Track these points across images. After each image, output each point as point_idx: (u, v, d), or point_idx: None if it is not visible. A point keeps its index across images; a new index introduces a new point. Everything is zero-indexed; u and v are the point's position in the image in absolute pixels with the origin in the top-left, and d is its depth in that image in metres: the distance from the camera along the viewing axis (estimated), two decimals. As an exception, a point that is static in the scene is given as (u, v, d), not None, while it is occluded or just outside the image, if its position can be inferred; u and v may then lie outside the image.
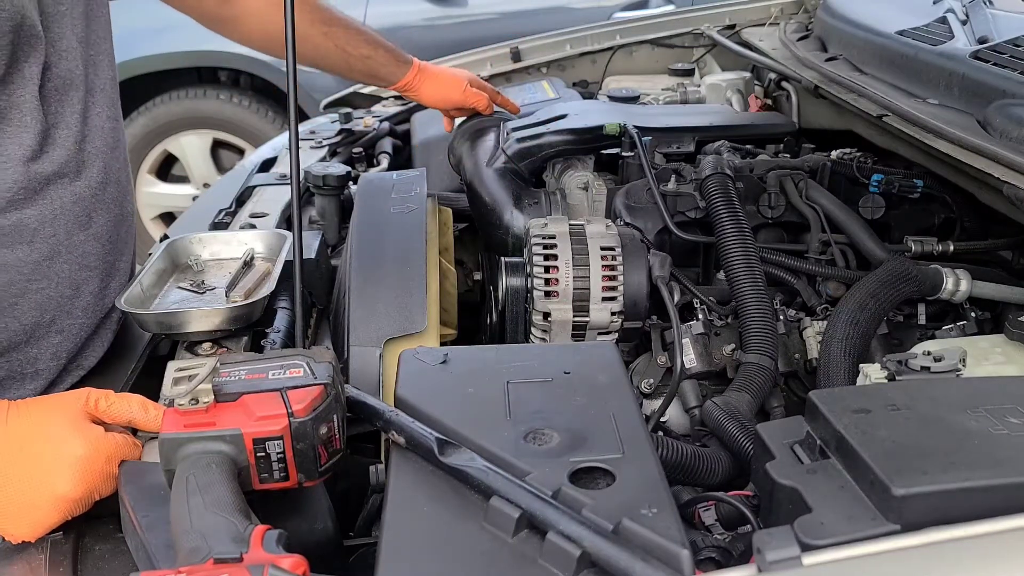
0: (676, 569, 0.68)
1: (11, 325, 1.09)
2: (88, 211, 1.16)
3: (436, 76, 1.87)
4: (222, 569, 0.69)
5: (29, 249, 1.09)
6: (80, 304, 1.17)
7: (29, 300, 1.10)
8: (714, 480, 1.14)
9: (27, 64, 1.06)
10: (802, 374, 1.46)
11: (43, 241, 1.10)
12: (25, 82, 1.06)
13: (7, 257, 1.07)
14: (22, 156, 1.07)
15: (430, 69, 1.88)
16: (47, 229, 1.10)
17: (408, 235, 1.39)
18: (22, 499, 0.89)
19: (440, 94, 1.88)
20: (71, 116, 1.14)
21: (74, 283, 1.15)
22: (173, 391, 1.01)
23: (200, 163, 4.18)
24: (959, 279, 1.42)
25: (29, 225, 1.09)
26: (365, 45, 1.75)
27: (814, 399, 0.87)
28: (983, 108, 1.36)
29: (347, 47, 1.72)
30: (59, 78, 1.12)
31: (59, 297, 1.13)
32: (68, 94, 1.14)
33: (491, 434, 0.85)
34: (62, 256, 1.13)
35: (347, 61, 1.75)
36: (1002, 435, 0.80)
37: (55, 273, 1.12)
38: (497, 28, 4.02)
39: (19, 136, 1.06)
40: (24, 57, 1.05)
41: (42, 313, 1.12)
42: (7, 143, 1.06)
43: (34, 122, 1.08)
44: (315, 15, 1.67)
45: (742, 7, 2.58)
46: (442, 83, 1.87)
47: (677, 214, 1.54)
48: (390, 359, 1.21)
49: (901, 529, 0.72)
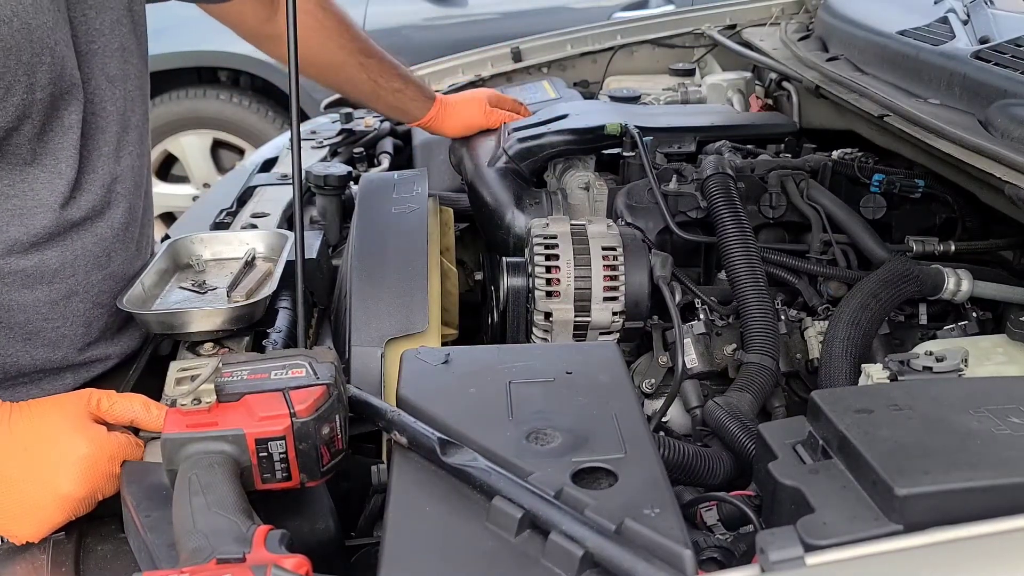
0: (679, 569, 0.68)
1: (22, 360, 1.10)
2: (108, 251, 1.16)
3: (456, 106, 1.85)
4: (225, 569, 0.69)
5: (48, 289, 1.09)
6: (89, 340, 1.17)
7: (43, 337, 1.11)
8: (715, 480, 1.14)
9: (66, 112, 1.05)
10: (803, 374, 1.46)
11: (62, 281, 1.11)
12: (65, 131, 1.06)
13: (26, 297, 1.08)
14: (54, 202, 1.07)
15: (450, 101, 1.86)
16: (67, 270, 1.11)
17: (409, 235, 1.39)
18: (26, 499, 0.89)
19: (463, 123, 1.85)
20: (103, 160, 1.13)
21: (87, 320, 1.15)
22: (175, 391, 1.01)
23: (200, 163, 4.18)
24: (960, 279, 1.42)
25: (50, 266, 1.09)
26: (398, 79, 1.74)
27: (816, 399, 0.87)
28: (984, 108, 1.36)
29: (379, 79, 1.72)
30: (93, 120, 1.11)
31: (72, 335, 1.14)
32: (102, 136, 1.13)
33: (493, 434, 0.85)
34: (79, 296, 1.13)
35: (377, 93, 1.74)
36: (1004, 435, 0.80)
37: (71, 312, 1.13)
38: (497, 28, 4.02)
39: (53, 183, 1.06)
40: (64, 106, 1.05)
41: (54, 350, 1.12)
42: (40, 189, 1.05)
43: (68, 169, 1.07)
44: (355, 44, 1.67)
45: (743, 7, 2.58)
46: (463, 111, 1.85)
47: (678, 214, 1.54)
48: (391, 359, 1.21)
49: (904, 529, 0.72)
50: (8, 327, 1.07)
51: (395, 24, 4.13)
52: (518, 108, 1.93)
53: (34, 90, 0.99)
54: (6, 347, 1.08)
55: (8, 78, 0.95)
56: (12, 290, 1.06)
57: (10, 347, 1.08)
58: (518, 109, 1.93)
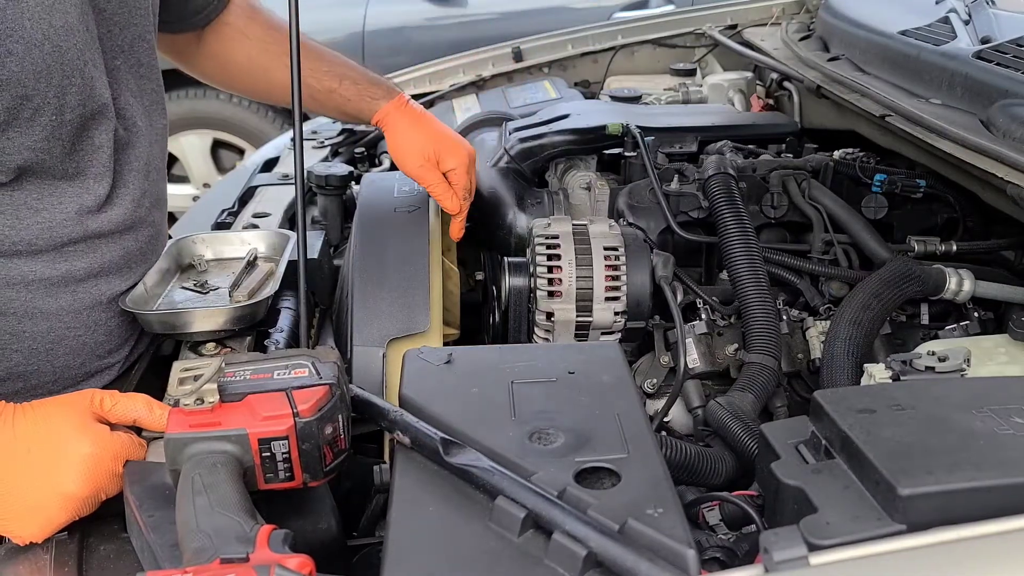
0: (682, 569, 0.68)
1: (43, 368, 1.10)
2: (131, 263, 1.17)
3: (405, 128, 1.45)
4: (228, 569, 0.69)
5: (72, 299, 1.10)
6: (110, 347, 1.17)
7: (64, 346, 1.11)
8: (718, 480, 1.14)
9: (96, 132, 1.06)
10: (805, 374, 1.46)
11: (86, 292, 1.11)
12: (95, 150, 1.07)
13: (50, 305, 1.08)
14: (82, 217, 1.07)
15: (407, 112, 1.47)
16: (91, 280, 1.12)
17: (411, 235, 1.40)
18: (30, 499, 0.89)
19: (398, 151, 1.46)
20: (134, 175, 1.14)
21: (108, 329, 1.16)
22: (178, 391, 1.02)
23: (200, 163, 4.18)
24: (962, 279, 1.42)
25: (76, 276, 1.10)
26: (328, 78, 1.43)
27: (819, 399, 0.87)
28: (986, 108, 1.36)
29: (309, 80, 1.39)
30: (126, 136, 1.12)
31: (93, 343, 1.14)
32: (133, 151, 1.14)
33: (496, 434, 0.85)
34: (102, 306, 1.14)
35: (312, 95, 1.42)
36: (1007, 435, 0.80)
37: (93, 321, 1.13)
38: (497, 28, 4.02)
39: (82, 197, 1.07)
40: (95, 126, 1.06)
41: (74, 357, 1.13)
42: (69, 203, 1.06)
43: (97, 185, 1.08)
44: (280, 47, 1.41)
45: (743, 7, 2.58)
46: (407, 138, 1.45)
47: (680, 214, 1.54)
48: (393, 359, 1.21)
49: (907, 529, 0.72)
50: (32, 336, 1.08)
51: (395, 24, 4.12)
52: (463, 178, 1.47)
53: (63, 112, 0.99)
54: (28, 357, 1.08)
55: (37, 100, 0.95)
56: (36, 298, 1.07)
57: (32, 357, 1.09)
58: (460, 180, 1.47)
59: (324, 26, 4.02)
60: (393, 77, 2.49)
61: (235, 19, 1.43)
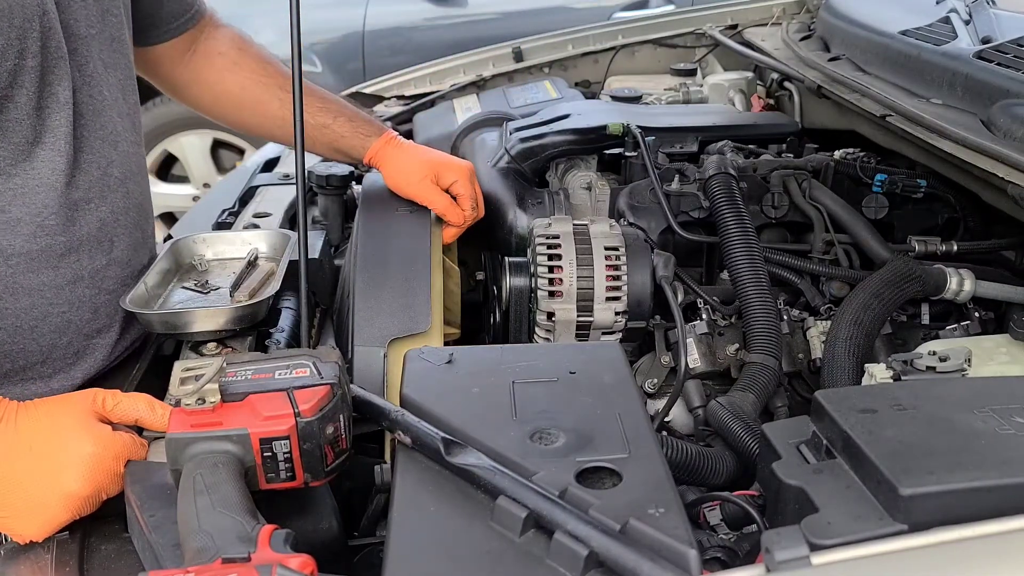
0: (684, 569, 0.68)
1: (30, 347, 1.11)
2: (111, 236, 1.18)
3: (399, 157, 1.52)
4: (230, 569, 0.69)
5: (54, 274, 1.11)
6: (97, 327, 1.18)
7: (49, 323, 1.12)
8: (719, 480, 1.14)
9: (60, 88, 1.07)
10: (806, 374, 1.46)
11: (68, 266, 1.12)
12: (60, 107, 1.08)
13: (32, 281, 1.09)
14: (55, 181, 1.08)
15: (398, 145, 1.53)
16: (72, 255, 1.12)
17: (412, 235, 1.40)
18: (31, 498, 0.89)
19: (396, 177, 1.51)
20: (99, 143, 1.15)
21: (93, 307, 1.16)
22: (180, 391, 1.02)
23: (200, 163, 4.18)
24: (963, 279, 1.42)
25: (56, 251, 1.10)
26: (323, 113, 1.49)
27: (820, 399, 0.87)
28: (987, 108, 1.36)
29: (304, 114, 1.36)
30: (90, 102, 1.13)
31: (78, 321, 1.15)
32: (97, 119, 1.14)
33: (497, 434, 0.85)
34: (84, 281, 1.14)
35: (305, 131, 1.36)
36: (1008, 435, 0.80)
37: (76, 298, 1.14)
38: (497, 28, 4.02)
39: (53, 160, 1.08)
40: (56, 81, 1.07)
41: (60, 336, 1.13)
42: (41, 167, 1.07)
43: (67, 146, 1.09)
44: (274, 80, 1.47)
45: (744, 7, 2.58)
46: (403, 165, 1.51)
47: (680, 214, 1.54)
48: (394, 359, 1.21)
49: (908, 529, 0.72)
50: (15, 313, 1.09)
51: (395, 24, 4.12)
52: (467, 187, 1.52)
53: (25, 56, 1.01)
54: (13, 335, 1.09)
55: (1, 41, 0.98)
56: (17, 273, 1.08)
57: (17, 335, 1.09)
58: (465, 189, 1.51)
59: (324, 26, 4.02)
60: (393, 77, 2.50)
61: (228, 50, 1.48)
